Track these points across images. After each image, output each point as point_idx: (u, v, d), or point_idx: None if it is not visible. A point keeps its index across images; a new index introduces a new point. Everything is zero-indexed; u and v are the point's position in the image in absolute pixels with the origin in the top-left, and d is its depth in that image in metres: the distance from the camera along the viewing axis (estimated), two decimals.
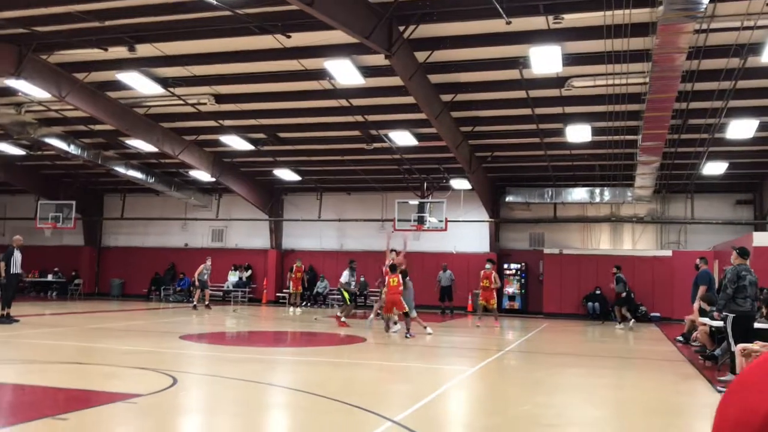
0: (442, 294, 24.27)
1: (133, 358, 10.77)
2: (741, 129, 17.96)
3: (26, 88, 17.37)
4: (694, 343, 14.07)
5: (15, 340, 12.44)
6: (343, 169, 25.85)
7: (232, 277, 29.46)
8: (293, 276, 24.68)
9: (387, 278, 15.85)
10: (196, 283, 23.67)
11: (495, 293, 19.38)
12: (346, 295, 18.73)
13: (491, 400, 8.60)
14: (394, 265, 16.17)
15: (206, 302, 23.74)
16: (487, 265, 19.63)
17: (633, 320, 20.58)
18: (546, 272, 25.45)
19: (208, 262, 23.94)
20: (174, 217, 30.61)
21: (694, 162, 21.40)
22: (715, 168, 21.96)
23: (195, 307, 23.09)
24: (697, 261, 15.12)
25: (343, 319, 17.76)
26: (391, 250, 17.64)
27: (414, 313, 15.96)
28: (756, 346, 8.31)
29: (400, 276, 15.80)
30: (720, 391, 8.54)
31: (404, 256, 17.86)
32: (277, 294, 28.64)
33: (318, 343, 14.93)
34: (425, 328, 16.06)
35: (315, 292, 27.67)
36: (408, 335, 14.98)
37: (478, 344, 15.58)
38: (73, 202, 27.27)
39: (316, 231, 29.15)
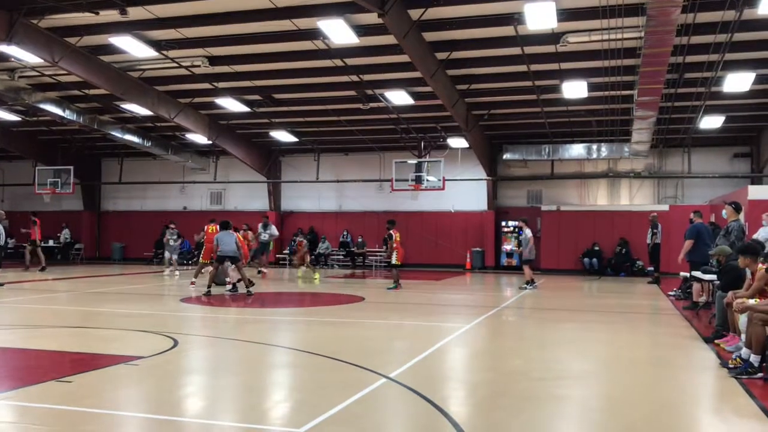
0: None
1: (134, 321, 10.95)
2: (737, 82, 17.89)
3: (18, 53, 17.22)
4: (686, 297, 14.23)
5: (18, 306, 12.61)
6: (340, 130, 25.79)
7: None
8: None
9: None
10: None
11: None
12: None
13: (485, 355, 8.80)
14: None
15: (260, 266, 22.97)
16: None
17: (528, 284, 17.95)
18: (543, 229, 25.57)
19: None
20: (172, 180, 30.66)
21: (691, 116, 21.36)
22: (711, 122, 21.91)
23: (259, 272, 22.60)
24: (691, 215, 14.80)
25: None
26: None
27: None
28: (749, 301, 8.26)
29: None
30: (708, 340, 8.72)
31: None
32: (277, 255, 28.82)
33: (318, 303, 15.13)
34: None
35: (317, 253, 27.88)
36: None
37: (475, 302, 15.80)
38: (71, 167, 27.30)
39: (314, 192, 29.22)
